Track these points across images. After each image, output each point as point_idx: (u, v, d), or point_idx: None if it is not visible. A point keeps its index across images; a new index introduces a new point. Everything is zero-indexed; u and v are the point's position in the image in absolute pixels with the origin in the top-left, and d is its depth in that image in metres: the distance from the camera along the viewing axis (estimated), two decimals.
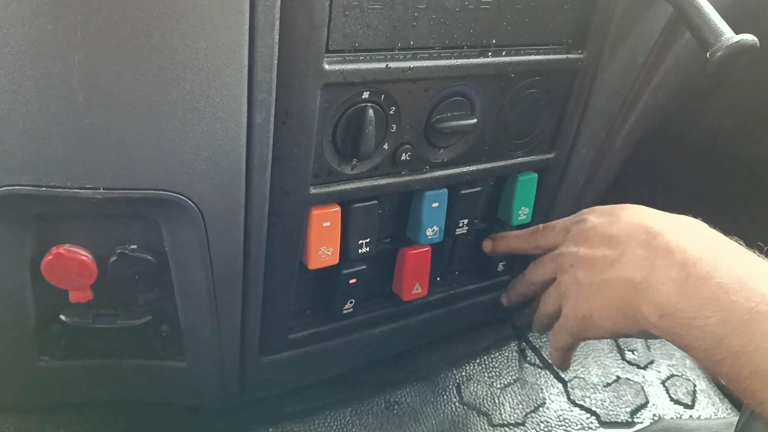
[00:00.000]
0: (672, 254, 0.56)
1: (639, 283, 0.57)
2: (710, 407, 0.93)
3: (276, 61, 0.55)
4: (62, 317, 0.66)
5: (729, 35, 0.66)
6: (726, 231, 0.59)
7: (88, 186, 0.54)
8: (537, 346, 0.98)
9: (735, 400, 0.94)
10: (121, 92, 0.51)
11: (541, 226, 0.76)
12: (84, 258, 0.61)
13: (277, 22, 0.53)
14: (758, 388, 0.48)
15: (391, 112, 0.65)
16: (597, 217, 0.67)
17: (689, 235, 0.57)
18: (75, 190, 0.54)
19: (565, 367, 0.75)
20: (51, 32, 0.48)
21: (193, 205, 0.58)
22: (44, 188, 0.54)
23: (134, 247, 0.63)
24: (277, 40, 0.54)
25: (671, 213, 0.63)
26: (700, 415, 0.91)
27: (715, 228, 0.60)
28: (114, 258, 0.62)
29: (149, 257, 0.63)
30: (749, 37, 0.66)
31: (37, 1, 0.46)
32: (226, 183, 0.58)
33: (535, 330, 0.79)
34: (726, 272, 0.52)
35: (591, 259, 0.64)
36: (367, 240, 0.71)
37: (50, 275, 0.61)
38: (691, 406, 0.92)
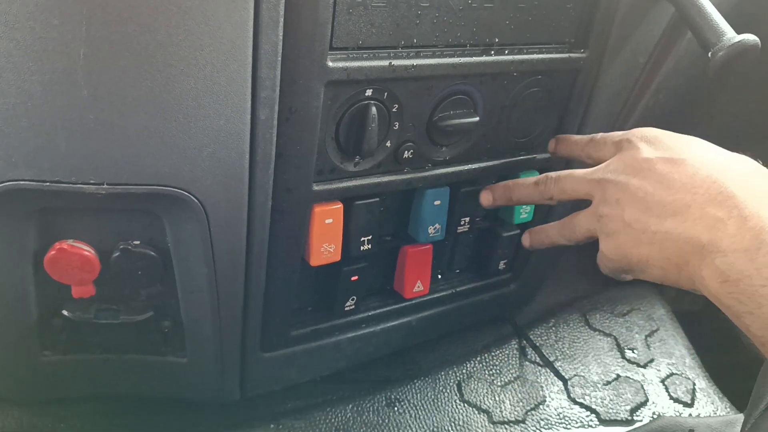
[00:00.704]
0: (746, 221, 0.52)
1: (706, 245, 0.53)
2: (709, 406, 0.93)
3: (280, 59, 0.55)
4: (64, 312, 0.66)
5: (730, 35, 0.66)
6: None
7: (92, 181, 0.54)
8: (537, 344, 0.98)
9: (735, 399, 0.94)
10: (126, 88, 0.51)
11: (552, 174, 0.70)
12: (87, 253, 0.61)
13: (282, 20, 0.54)
14: None
15: (393, 110, 0.65)
16: (653, 147, 0.61)
17: (764, 199, 0.54)
18: (79, 185, 0.54)
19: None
20: (56, 27, 0.48)
21: (196, 200, 0.58)
22: (48, 183, 0.54)
23: (137, 242, 0.63)
24: (281, 38, 0.54)
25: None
26: (699, 414, 0.91)
27: None
28: (117, 253, 0.63)
29: (152, 253, 0.63)
30: (751, 37, 0.66)
31: None
32: (230, 179, 0.59)
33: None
34: None
35: (645, 201, 0.58)
36: (369, 237, 0.72)
37: (53, 270, 0.61)
38: (690, 405, 0.92)
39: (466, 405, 0.87)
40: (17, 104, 0.50)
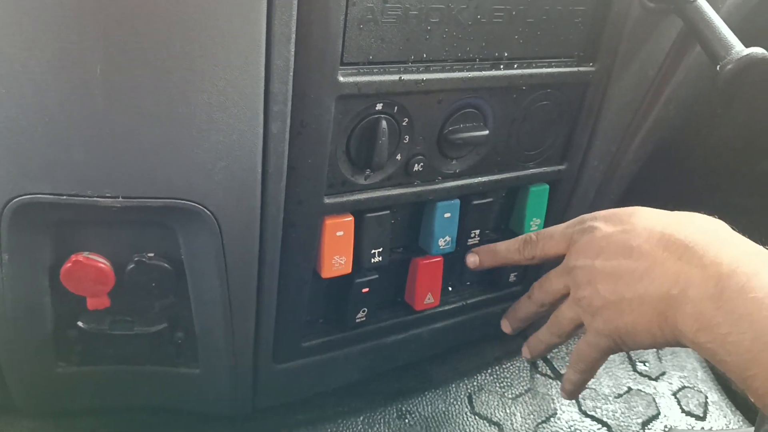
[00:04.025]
0: (706, 269, 0.54)
1: (676, 297, 0.55)
2: (722, 419, 0.92)
3: (292, 73, 0.56)
4: (79, 323, 0.67)
5: (739, 48, 0.67)
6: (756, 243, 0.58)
7: (107, 194, 0.55)
8: (548, 357, 0.98)
9: (747, 412, 0.94)
10: (141, 102, 0.52)
11: (533, 234, 0.72)
12: (102, 265, 0.62)
13: (293, 35, 0.55)
14: None
15: (404, 124, 0.66)
16: (606, 225, 0.64)
17: (720, 245, 0.56)
18: (95, 198, 0.56)
19: (577, 394, 0.72)
20: (74, 43, 0.49)
21: (209, 213, 0.59)
22: (64, 196, 0.55)
23: (151, 254, 0.64)
24: (293, 53, 0.55)
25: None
26: (711, 427, 0.91)
27: None
28: (131, 265, 0.63)
29: (166, 265, 0.64)
30: (759, 51, 0.66)
31: (61, 12, 0.48)
32: (243, 192, 0.59)
33: (532, 354, 0.75)
34: (760, 286, 0.51)
35: (614, 274, 0.61)
36: (380, 249, 0.72)
37: (69, 282, 0.62)
38: (702, 418, 0.92)
39: (477, 417, 0.87)
40: (35, 118, 0.52)
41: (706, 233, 0.58)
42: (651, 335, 0.59)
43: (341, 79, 0.59)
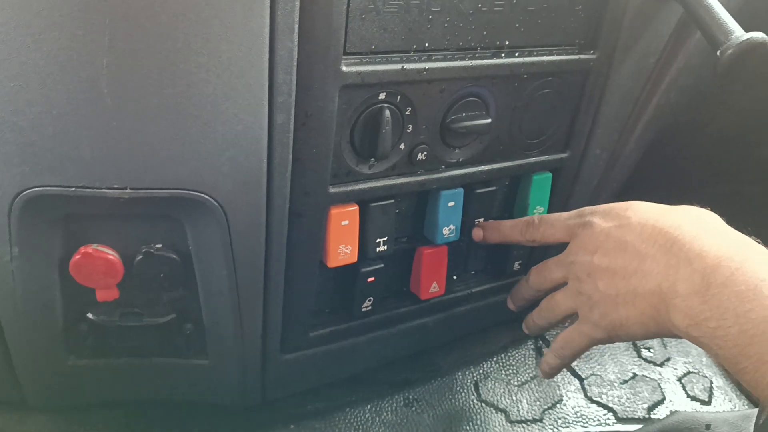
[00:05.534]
0: (691, 263, 0.55)
1: (667, 293, 0.57)
2: (727, 404, 0.93)
3: (295, 64, 0.57)
4: (89, 316, 0.68)
5: (739, 33, 0.67)
6: (745, 232, 0.58)
7: (115, 186, 0.56)
8: None
9: (753, 397, 0.94)
10: (148, 95, 0.52)
11: (536, 218, 0.75)
12: (111, 257, 0.63)
13: (296, 26, 0.55)
14: None
15: (407, 113, 0.66)
16: (604, 220, 0.66)
17: (707, 238, 0.57)
18: (103, 191, 0.56)
19: (552, 377, 0.75)
20: (80, 38, 0.49)
21: (216, 204, 0.59)
22: (73, 188, 0.56)
23: (159, 246, 0.65)
24: (296, 44, 0.56)
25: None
26: (717, 411, 0.91)
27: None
28: (140, 257, 0.64)
29: (174, 256, 0.65)
30: (759, 35, 0.66)
31: (67, 7, 0.48)
32: (249, 183, 0.60)
33: (530, 332, 0.77)
34: (743, 279, 0.52)
35: (610, 269, 0.63)
36: (385, 238, 0.73)
37: (78, 274, 0.63)
38: (708, 403, 0.93)
39: (483, 404, 0.88)
40: (43, 113, 0.52)
41: (695, 226, 0.59)
42: (645, 327, 0.61)
43: (344, 68, 0.59)
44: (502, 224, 0.79)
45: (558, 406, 0.89)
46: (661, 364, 0.98)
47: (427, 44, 0.64)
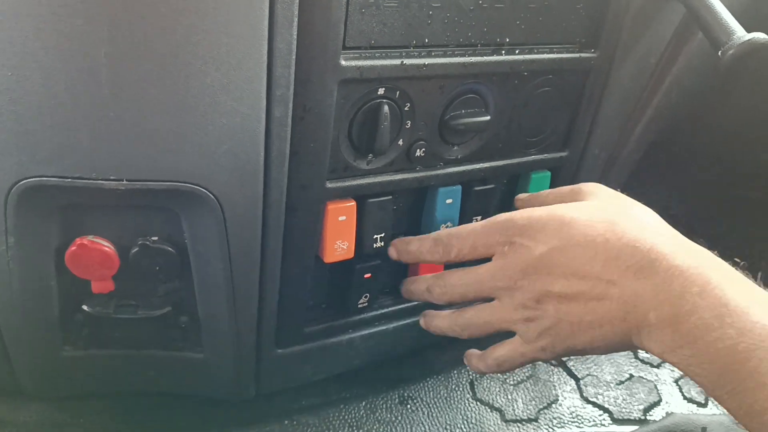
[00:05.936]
0: (658, 292, 0.52)
1: (638, 323, 0.54)
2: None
3: (294, 58, 0.57)
4: (85, 307, 0.68)
5: (740, 34, 0.67)
6: (745, 238, 0.57)
7: (112, 177, 0.56)
8: None
9: None
10: (146, 86, 0.52)
11: (443, 235, 0.67)
12: (106, 249, 0.63)
13: (296, 19, 0.55)
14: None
15: (405, 109, 0.66)
16: (537, 242, 0.59)
17: (666, 249, 0.54)
18: (100, 182, 0.56)
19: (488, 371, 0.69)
20: (79, 28, 0.49)
21: (213, 197, 0.59)
22: (70, 179, 0.56)
23: (155, 238, 0.64)
24: (295, 37, 0.56)
25: (679, 217, 0.60)
26: (713, 414, 0.91)
27: (734, 237, 0.57)
28: (135, 249, 0.64)
29: (170, 248, 0.65)
30: (761, 36, 0.66)
31: None
32: (246, 176, 0.60)
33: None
34: (707, 304, 0.50)
35: (567, 296, 0.57)
36: (382, 235, 0.73)
37: (74, 266, 0.63)
38: (704, 405, 0.93)
39: (478, 403, 0.88)
40: (42, 103, 0.52)
41: (644, 235, 0.55)
42: (610, 348, 0.58)
43: (343, 63, 0.59)
44: (410, 243, 0.71)
45: (553, 406, 0.89)
46: (658, 366, 0.98)
47: (426, 40, 0.64)
